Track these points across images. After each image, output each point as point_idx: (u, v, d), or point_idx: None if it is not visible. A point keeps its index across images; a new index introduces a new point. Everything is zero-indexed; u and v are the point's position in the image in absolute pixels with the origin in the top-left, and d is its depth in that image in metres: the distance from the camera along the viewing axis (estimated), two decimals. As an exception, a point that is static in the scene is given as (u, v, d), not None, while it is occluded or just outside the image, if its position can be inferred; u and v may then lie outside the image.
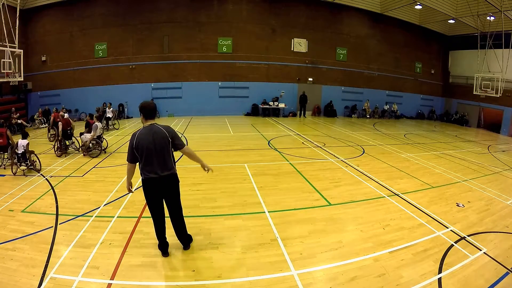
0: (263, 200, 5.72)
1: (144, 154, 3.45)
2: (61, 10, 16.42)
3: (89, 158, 8.61)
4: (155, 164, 3.49)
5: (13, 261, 3.72)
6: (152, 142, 3.44)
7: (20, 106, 15.45)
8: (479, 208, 5.88)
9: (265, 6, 17.96)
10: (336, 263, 3.84)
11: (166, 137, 3.50)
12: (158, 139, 3.47)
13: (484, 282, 3.59)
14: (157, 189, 3.60)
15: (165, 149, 3.51)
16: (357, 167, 8.20)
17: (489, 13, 15.79)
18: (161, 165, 3.52)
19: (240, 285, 3.41)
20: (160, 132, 3.50)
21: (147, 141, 3.43)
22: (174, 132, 3.63)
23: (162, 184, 3.59)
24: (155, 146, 3.45)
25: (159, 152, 3.48)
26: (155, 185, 3.56)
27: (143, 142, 3.43)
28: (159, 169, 3.51)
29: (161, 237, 3.88)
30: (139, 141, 3.44)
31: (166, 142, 3.51)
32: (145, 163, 3.49)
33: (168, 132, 3.53)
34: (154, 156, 3.47)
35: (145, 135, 3.47)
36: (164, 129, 3.54)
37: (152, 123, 3.56)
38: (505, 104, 17.81)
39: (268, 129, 14.20)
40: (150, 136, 3.45)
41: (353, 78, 20.24)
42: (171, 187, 3.70)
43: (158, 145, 3.46)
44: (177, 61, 17.34)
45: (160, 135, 3.49)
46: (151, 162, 3.48)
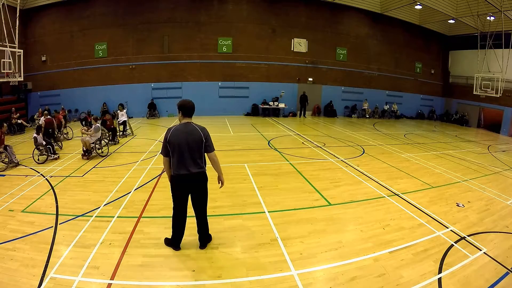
0: (263, 200, 5.72)
1: (176, 150, 3.55)
2: (61, 10, 16.42)
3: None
4: (187, 161, 3.57)
5: (13, 261, 3.72)
6: (185, 140, 3.54)
7: (20, 106, 15.43)
8: (479, 208, 5.88)
9: (265, 6, 17.96)
10: (336, 263, 3.84)
11: (201, 137, 3.59)
12: (192, 138, 3.56)
13: (484, 282, 3.59)
14: (186, 186, 3.70)
15: (197, 148, 3.60)
16: (357, 167, 8.20)
17: (489, 13, 15.79)
18: (193, 163, 3.60)
19: (240, 285, 3.41)
20: (195, 131, 3.60)
21: (180, 138, 3.54)
22: (208, 134, 3.70)
23: (191, 182, 3.68)
24: (188, 143, 3.54)
25: (191, 150, 3.57)
26: (184, 181, 3.65)
27: (176, 138, 3.54)
28: (190, 166, 3.59)
29: (178, 232, 3.95)
30: (173, 136, 3.55)
31: (200, 142, 3.59)
32: (177, 159, 3.58)
33: (203, 133, 3.62)
34: (186, 153, 3.56)
35: (179, 131, 3.57)
36: (200, 129, 3.62)
37: (188, 121, 3.66)
38: (505, 104, 17.80)
39: (268, 129, 14.20)
40: (185, 133, 3.56)
41: (353, 78, 20.24)
42: (200, 185, 3.77)
43: (191, 143, 3.55)
44: (177, 61, 17.34)
45: (194, 134, 3.58)
46: (183, 159, 3.57)
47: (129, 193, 5.98)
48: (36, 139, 8.41)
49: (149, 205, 5.46)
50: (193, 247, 4.12)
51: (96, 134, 8.79)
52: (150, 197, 5.83)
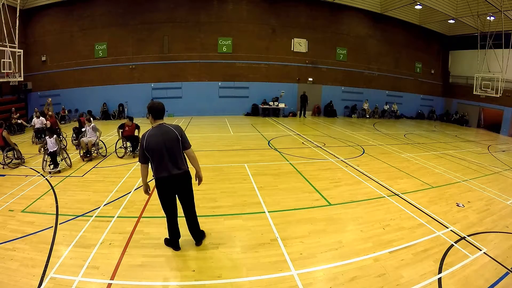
0: (263, 200, 5.72)
1: (155, 154, 3.50)
2: (61, 10, 16.42)
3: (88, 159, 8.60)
4: (167, 164, 3.54)
5: (13, 261, 3.72)
6: (162, 142, 3.48)
7: (20, 106, 15.44)
8: (479, 208, 5.88)
9: (265, 6, 17.96)
10: (336, 263, 3.84)
11: (176, 136, 3.55)
12: (168, 139, 3.51)
13: (484, 282, 3.59)
14: (170, 187, 3.68)
15: (175, 148, 3.56)
16: (357, 167, 8.20)
17: (489, 13, 15.80)
18: (173, 164, 3.57)
19: (240, 285, 3.41)
20: (170, 132, 3.54)
21: (157, 142, 3.48)
22: (183, 131, 3.68)
23: (174, 183, 3.66)
24: (165, 145, 3.50)
25: (169, 152, 3.53)
26: (167, 184, 3.63)
27: (153, 142, 3.48)
28: (171, 168, 3.56)
29: (174, 233, 3.99)
30: (149, 142, 3.48)
31: (176, 141, 3.55)
32: (157, 163, 3.54)
33: (177, 132, 3.58)
34: (165, 156, 3.52)
35: (154, 136, 3.51)
36: (174, 129, 3.58)
37: (161, 123, 3.60)
38: (505, 104, 17.81)
39: (268, 129, 14.20)
40: (160, 136, 3.50)
41: (353, 78, 20.25)
42: (183, 185, 3.75)
43: (168, 144, 3.51)
44: (177, 61, 17.34)
45: (170, 135, 3.53)
46: (162, 162, 3.53)
47: (129, 193, 5.98)
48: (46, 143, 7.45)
49: (149, 205, 5.46)
50: (193, 247, 4.12)
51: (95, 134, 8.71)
52: (150, 197, 5.82)
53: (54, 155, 7.28)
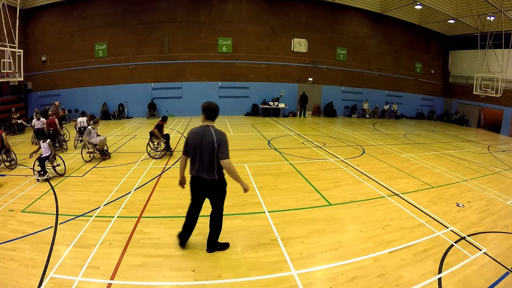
0: (263, 200, 5.72)
1: (191, 151, 3.58)
2: (61, 10, 16.42)
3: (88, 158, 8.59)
4: (197, 164, 3.56)
5: (13, 261, 3.72)
6: (199, 143, 3.50)
7: (20, 106, 15.44)
8: (479, 208, 5.88)
9: (265, 6, 17.96)
10: (336, 263, 3.84)
11: (213, 143, 3.47)
12: (204, 142, 3.49)
13: (484, 282, 3.59)
14: (195, 188, 3.72)
15: (209, 154, 3.49)
16: (357, 167, 8.20)
17: (489, 13, 15.79)
18: (202, 168, 3.55)
19: (240, 285, 3.41)
20: (209, 136, 3.48)
21: (195, 140, 3.53)
22: (223, 141, 3.52)
23: (200, 186, 3.67)
24: (200, 147, 3.50)
25: (202, 155, 3.51)
26: (193, 183, 3.70)
27: (192, 140, 3.56)
28: (199, 171, 3.57)
29: (185, 230, 4.01)
30: (189, 138, 3.59)
31: (211, 148, 3.47)
32: (191, 160, 3.62)
33: (216, 138, 3.47)
34: (198, 157, 3.54)
35: (195, 134, 3.56)
36: (215, 135, 3.48)
37: (207, 124, 3.57)
38: (505, 104, 17.81)
39: (268, 129, 14.20)
40: (199, 137, 3.51)
41: (353, 78, 20.25)
42: (210, 192, 3.75)
43: (203, 147, 3.49)
44: (177, 61, 17.34)
45: (207, 139, 3.48)
46: (195, 162, 3.58)
47: (129, 193, 5.98)
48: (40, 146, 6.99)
49: (149, 205, 5.46)
50: (193, 247, 4.12)
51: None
52: (150, 197, 5.83)
53: (43, 161, 6.66)
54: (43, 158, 6.71)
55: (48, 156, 6.82)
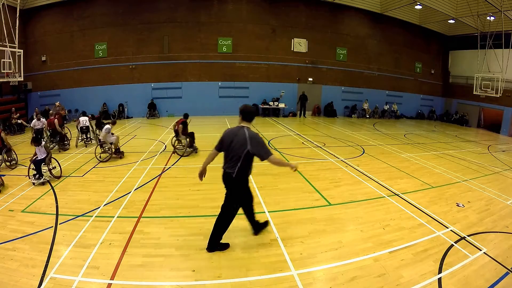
0: (263, 200, 5.72)
1: (223, 148, 3.79)
2: (61, 10, 16.41)
3: (91, 154, 8.59)
4: (227, 161, 3.77)
5: (13, 261, 3.72)
6: (230, 141, 3.68)
7: (20, 106, 15.43)
8: (479, 208, 5.88)
9: (265, 6, 17.95)
10: (336, 263, 3.84)
11: (245, 144, 3.60)
12: (236, 142, 3.64)
13: (484, 282, 3.59)
14: (223, 181, 3.88)
15: (238, 152, 3.64)
16: (357, 167, 8.20)
17: (489, 13, 15.79)
18: (228, 163, 3.74)
19: (240, 285, 3.41)
20: (242, 138, 3.62)
21: (228, 138, 3.73)
22: (258, 144, 3.62)
23: (224, 179, 3.85)
24: (232, 145, 3.67)
25: (231, 152, 3.69)
26: (223, 177, 3.86)
27: (225, 137, 3.76)
28: (226, 166, 3.78)
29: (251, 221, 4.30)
30: (224, 135, 3.79)
31: (241, 149, 3.61)
32: (224, 156, 3.83)
33: (250, 142, 3.59)
34: (226, 153, 3.76)
35: (230, 133, 3.76)
36: (249, 138, 3.60)
37: (243, 126, 3.74)
38: (505, 104, 17.81)
39: (268, 129, 14.20)
40: (232, 136, 3.69)
41: (353, 78, 20.24)
42: (228, 186, 3.87)
43: (234, 146, 3.65)
44: (177, 61, 17.34)
45: (240, 139, 3.63)
46: (225, 157, 3.80)
47: (129, 193, 5.98)
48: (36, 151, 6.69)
49: (149, 205, 5.46)
50: (193, 247, 4.13)
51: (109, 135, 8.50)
52: (150, 197, 5.83)
53: (39, 164, 6.45)
54: (39, 161, 6.49)
55: (44, 158, 6.60)
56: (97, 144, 8.62)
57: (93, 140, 10.55)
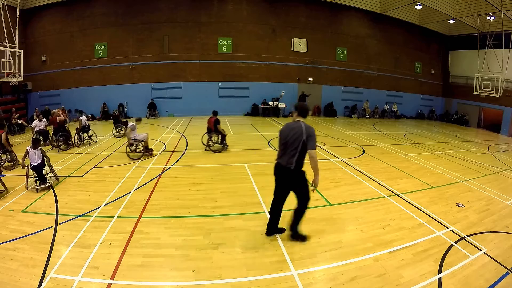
0: (263, 200, 5.72)
1: (280, 142, 4.01)
2: (61, 10, 16.43)
3: (91, 154, 8.60)
4: (284, 154, 3.94)
5: (13, 261, 3.72)
6: (287, 135, 3.90)
7: (20, 106, 15.45)
8: (479, 208, 5.87)
9: (265, 6, 17.96)
10: (336, 263, 3.84)
11: (302, 135, 3.80)
12: (294, 135, 3.85)
13: (484, 282, 3.59)
14: (276, 174, 4.08)
15: (295, 145, 3.84)
16: (357, 167, 8.19)
17: (489, 13, 15.80)
18: (286, 157, 3.92)
19: (240, 285, 3.41)
20: (299, 130, 3.84)
21: (285, 132, 3.96)
22: (312, 135, 3.83)
23: (280, 173, 4.02)
24: (289, 139, 3.88)
25: (289, 145, 3.87)
26: (276, 170, 4.07)
27: (283, 132, 4.01)
28: (282, 158, 3.96)
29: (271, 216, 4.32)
30: (282, 130, 4.03)
31: (299, 140, 3.82)
32: (279, 149, 4.06)
33: (306, 133, 3.81)
34: (283, 146, 3.95)
35: (287, 127, 3.99)
36: (305, 129, 3.83)
37: (298, 120, 3.97)
38: (505, 104, 17.81)
39: (268, 129, 14.20)
40: (290, 130, 3.91)
41: (353, 78, 20.25)
42: (286, 179, 4.03)
43: (291, 138, 3.85)
44: (177, 61, 17.34)
45: (297, 132, 3.83)
46: (281, 150, 4.01)
47: (129, 193, 5.98)
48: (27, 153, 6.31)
49: (149, 205, 5.46)
50: (193, 247, 4.13)
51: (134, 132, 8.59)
52: (150, 197, 5.83)
53: (41, 168, 6.24)
54: (40, 166, 6.23)
55: (43, 162, 6.35)
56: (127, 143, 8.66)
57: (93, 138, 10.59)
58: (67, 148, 9.64)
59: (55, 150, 9.46)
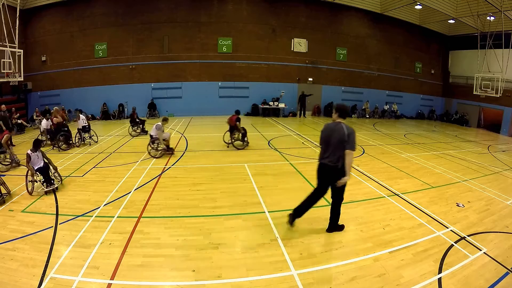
0: (263, 200, 5.72)
1: (322, 142, 4.26)
2: (61, 10, 16.42)
3: (91, 154, 8.60)
4: (325, 153, 4.18)
5: (13, 261, 3.72)
6: (329, 135, 4.14)
7: (20, 106, 15.45)
8: (479, 208, 5.87)
9: (265, 6, 17.96)
10: (336, 263, 3.84)
11: (343, 136, 4.01)
12: (336, 135, 4.07)
13: (484, 282, 3.59)
14: (319, 173, 4.32)
15: (337, 145, 4.05)
16: (357, 167, 8.19)
17: (489, 13, 15.79)
18: (327, 155, 4.14)
19: (240, 285, 3.41)
20: (341, 131, 4.05)
21: (326, 133, 4.20)
22: (352, 134, 4.04)
23: (323, 171, 4.26)
24: (330, 139, 4.11)
25: (331, 145, 4.10)
26: (319, 168, 4.30)
27: (324, 132, 4.26)
28: (325, 157, 4.18)
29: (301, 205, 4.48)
30: (322, 130, 4.30)
31: (340, 140, 4.03)
32: (321, 149, 4.30)
33: (347, 133, 4.01)
34: (327, 146, 4.15)
35: (328, 127, 4.24)
36: (345, 129, 4.04)
37: (339, 121, 4.18)
38: (505, 104, 17.80)
39: (268, 129, 14.20)
40: (330, 131, 4.15)
41: (353, 78, 20.24)
42: (329, 176, 4.22)
43: (333, 139, 4.08)
44: (177, 61, 17.34)
45: (339, 133, 4.05)
46: (323, 150, 4.23)
47: (129, 193, 5.98)
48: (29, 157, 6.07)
49: (149, 205, 5.46)
50: (193, 247, 4.13)
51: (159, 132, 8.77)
52: (150, 197, 5.83)
53: (46, 170, 6.12)
54: (45, 168, 6.14)
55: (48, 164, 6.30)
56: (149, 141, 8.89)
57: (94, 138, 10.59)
58: (67, 148, 9.64)
59: (55, 150, 9.46)
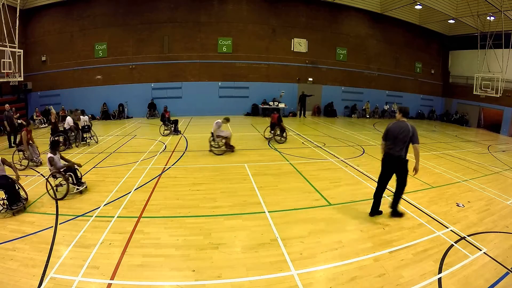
0: (263, 200, 5.72)
1: (390, 137, 4.94)
2: (61, 10, 16.42)
3: (91, 154, 8.60)
4: (394, 146, 4.86)
5: (13, 261, 3.72)
6: (397, 131, 4.85)
7: (20, 106, 15.43)
8: (479, 208, 5.88)
9: (265, 6, 17.96)
10: (336, 263, 3.84)
11: (409, 132, 4.77)
12: (403, 131, 4.80)
13: (484, 282, 3.59)
14: (386, 162, 5.04)
15: (403, 139, 4.79)
16: (357, 167, 8.20)
17: (489, 13, 15.79)
18: (396, 148, 4.85)
19: (240, 285, 3.41)
20: (406, 128, 4.81)
21: (395, 130, 4.88)
22: (415, 130, 4.82)
23: (390, 160, 4.97)
24: (399, 134, 4.81)
25: (400, 140, 4.80)
26: (386, 158, 5.03)
27: (392, 129, 4.93)
28: (392, 149, 4.89)
29: (374, 201, 5.23)
30: (389, 128, 4.99)
31: (406, 136, 4.78)
32: (390, 143, 4.96)
33: (412, 129, 4.78)
34: (394, 140, 4.85)
35: (395, 125, 4.95)
36: (410, 126, 4.81)
37: (404, 120, 4.95)
38: (505, 104, 17.81)
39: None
40: (398, 128, 4.87)
41: (353, 78, 20.24)
42: (396, 166, 4.95)
43: (401, 134, 4.79)
44: (177, 61, 17.34)
45: (405, 129, 4.80)
46: (391, 143, 4.92)
47: (129, 193, 5.98)
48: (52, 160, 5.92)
49: (149, 205, 5.46)
50: (193, 247, 4.13)
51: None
52: (150, 197, 5.83)
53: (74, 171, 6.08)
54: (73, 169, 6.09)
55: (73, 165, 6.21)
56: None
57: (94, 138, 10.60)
58: (65, 148, 9.64)
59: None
